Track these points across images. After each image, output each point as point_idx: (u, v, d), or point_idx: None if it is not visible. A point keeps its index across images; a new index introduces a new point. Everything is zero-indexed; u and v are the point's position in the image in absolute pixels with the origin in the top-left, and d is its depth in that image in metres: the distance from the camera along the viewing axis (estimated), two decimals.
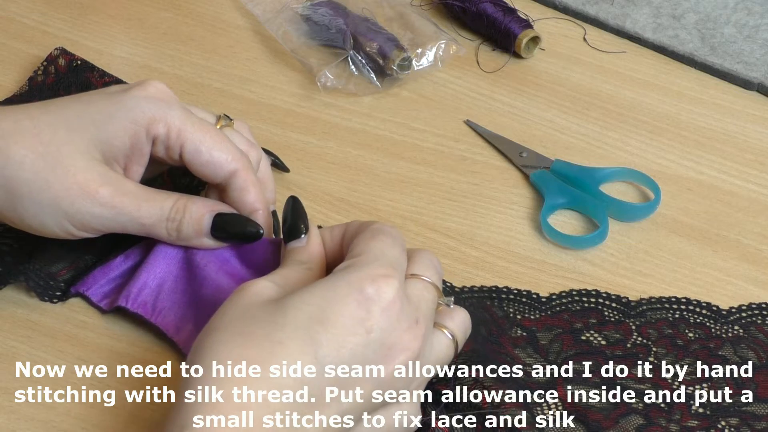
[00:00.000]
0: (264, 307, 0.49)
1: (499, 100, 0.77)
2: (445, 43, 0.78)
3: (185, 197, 0.59)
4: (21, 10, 0.83)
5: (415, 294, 0.51)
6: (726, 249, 0.67)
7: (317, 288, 0.49)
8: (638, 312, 0.61)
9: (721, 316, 0.61)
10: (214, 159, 0.58)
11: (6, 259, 0.62)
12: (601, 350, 0.59)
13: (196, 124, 0.58)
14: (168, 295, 0.60)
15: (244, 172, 0.59)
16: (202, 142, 0.58)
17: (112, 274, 0.62)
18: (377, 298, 0.49)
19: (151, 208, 0.58)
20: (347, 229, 0.56)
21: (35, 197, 0.56)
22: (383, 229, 0.53)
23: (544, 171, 0.70)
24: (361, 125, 0.75)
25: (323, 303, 0.48)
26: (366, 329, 0.48)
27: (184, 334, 0.59)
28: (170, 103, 0.58)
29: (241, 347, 0.47)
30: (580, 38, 0.82)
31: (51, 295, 0.61)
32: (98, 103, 0.58)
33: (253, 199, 0.59)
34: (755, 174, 0.72)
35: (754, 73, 0.78)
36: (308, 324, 0.48)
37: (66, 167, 0.56)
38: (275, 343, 0.47)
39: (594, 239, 0.66)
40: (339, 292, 0.49)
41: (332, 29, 0.78)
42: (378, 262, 0.50)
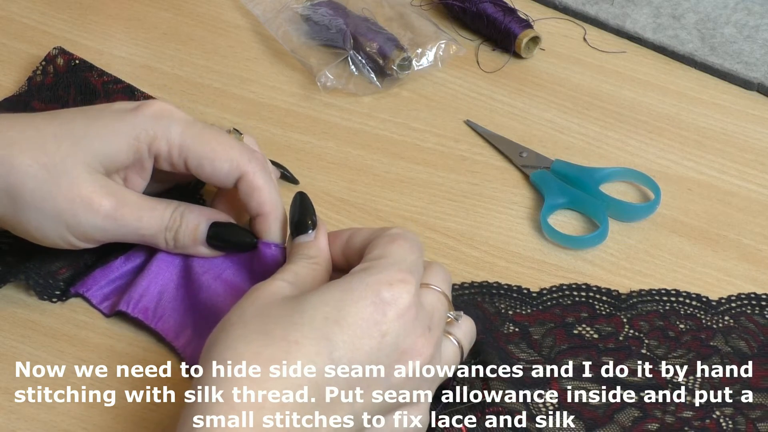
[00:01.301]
0: (281, 305, 0.50)
1: (499, 100, 0.77)
2: (445, 43, 0.78)
3: (183, 206, 0.60)
4: (21, 10, 0.83)
5: (429, 302, 0.52)
6: (726, 249, 0.67)
7: (334, 289, 0.50)
8: (629, 305, 0.62)
9: (711, 307, 0.62)
10: (216, 170, 0.59)
11: (7, 259, 0.62)
12: (594, 344, 0.59)
13: (197, 138, 0.59)
14: (168, 302, 0.61)
15: (251, 175, 0.59)
16: (203, 155, 0.58)
17: (113, 275, 0.62)
18: (393, 302, 0.49)
19: (151, 219, 0.59)
20: (352, 236, 0.57)
21: (38, 206, 0.57)
22: (404, 234, 0.54)
23: (544, 171, 0.70)
24: (361, 125, 0.74)
25: (340, 304, 0.49)
26: (381, 333, 0.49)
27: (183, 338, 0.60)
28: (173, 120, 0.59)
29: (259, 346, 0.47)
30: (580, 38, 0.82)
31: (50, 294, 0.61)
32: (104, 119, 0.59)
33: (259, 202, 0.59)
34: (755, 174, 0.72)
35: (754, 73, 0.78)
36: (324, 324, 0.48)
37: (70, 179, 0.57)
38: (291, 342, 0.47)
39: (594, 239, 0.66)
40: (356, 294, 0.49)
41: (332, 29, 0.78)
42: (396, 266, 0.51)
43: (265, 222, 0.59)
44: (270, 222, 0.59)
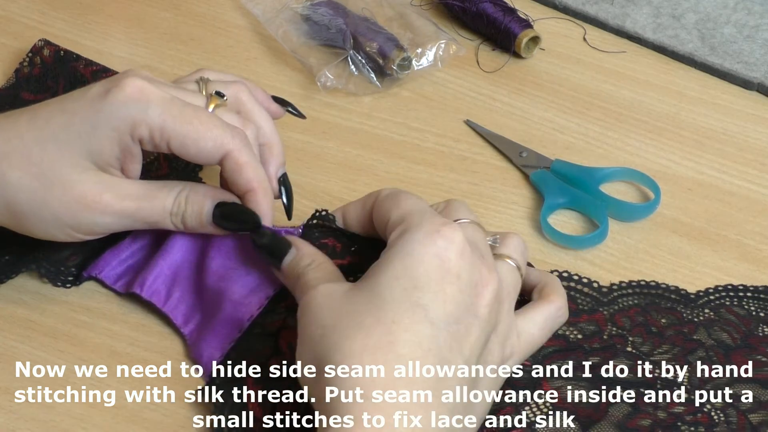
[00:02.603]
0: (349, 300, 0.51)
1: (499, 100, 0.77)
2: (445, 43, 0.78)
3: (187, 189, 0.59)
4: (21, 10, 0.83)
5: (468, 234, 0.53)
6: (726, 249, 0.67)
7: (394, 262, 0.51)
8: (610, 299, 0.62)
9: (690, 300, 0.62)
10: (200, 150, 0.58)
11: (13, 247, 0.62)
12: (580, 344, 0.59)
13: (178, 118, 0.57)
14: (182, 282, 0.61)
15: (235, 153, 0.58)
16: (186, 135, 0.57)
17: (123, 255, 0.62)
18: (450, 244, 0.51)
19: (153, 208, 0.58)
20: (347, 212, 0.59)
21: (36, 214, 0.57)
22: (395, 191, 0.57)
23: (544, 171, 0.70)
24: (360, 125, 0.75)
25: (408, 272, 0.50)
26: (455, 275, 0.50)
27: (191, 326, 0.60)
28: (149, 102, 0.57)
29: (360, 340, 0.48)
30: (580, 38, 0.82)
31: (63, 281, 0.62)
32: (81, 113, 0.57)
33: (246, 179, 0.58)
34: (755, 174, 0.72)
35: (754, 73, 0.78)
36: (406, 294, 0.49)
37: (62, 184, 0.56)
38: (388, 323, 0.48)
39: (594, 239, 0.66)
40: (416, 256, 0.50)
41: (332, 29, 0.78)
42: (426, 215, 0.53)
43: (255, 197, 0.59)
44: (260, 197, 0.59)
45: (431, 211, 0.54)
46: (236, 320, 0.58)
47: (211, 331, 0.59)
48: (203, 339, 0.59)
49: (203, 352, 0.59)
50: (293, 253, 0.56)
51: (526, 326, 0.56)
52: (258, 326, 0.58)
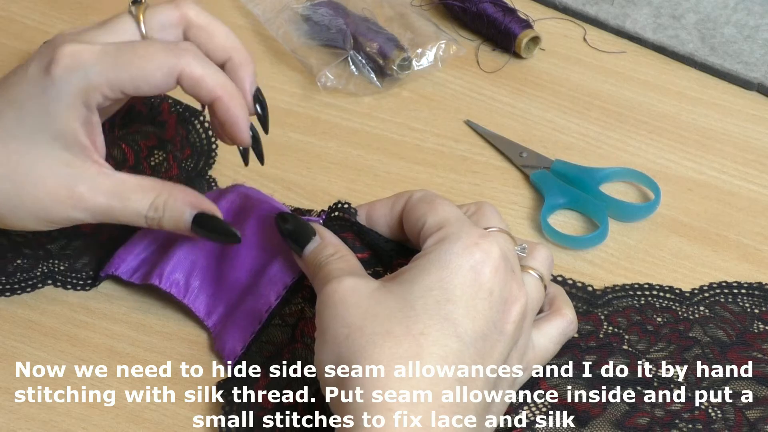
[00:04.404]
0: (377, 301, 0.50)
1: (499, 100, 0.77)
2: (445, 43, 0.78)
3: (164, 193, 0.57)
4: (21, 10, 0.83)
5: (501, 247, 0.52)
6: (726, 249, 0.67)
7: (430, 271, 0.50)
8: (605, 301, 0.62)
9: (685, 298, 0.62)
10: (153, 84, 0.56)
11: (24, 251, 0.63)
12: (576, 343, 0.59)
13: (118, 65, 0.55)
14: (200, 271, 0.60)
15: (187, 69, 0.56)
16: (133, 78, 0.55)
17: (136, 250, 0.62)
18: (488, 258, 0.51)
19: (125, 209, 0.57)
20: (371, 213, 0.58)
21: (15, 214, 0.57)
22: (431, 195, 0.55)
23: (544, 171, 0.70)
24: (361, 125, 0.75)
25: (443, 283, 0.50)
26: (488, 291, 0.50)
27: (215, 318, 0.60)
28: (87, 65, 0.55)
29: (388, 348, 0.48)
30: (580, 38, 0.82)
31: (83, 285, 0.63)
32: (28, 102, 0.56)
33: (208, 90, 0.57)
34: (755, 174, 0.72)
35: (754, 73, 0.78)
36: (438, 307, 0.49)
37: (33, 183, 0.56)
38: (417, 335, 0.48)
39: (594, 239, 0.66)
40: (453, 268, 0.50)
41: (332, 29, 0.78)
42: (465, 226, 0.52)
43: (222, 103, 0.57)
44: (226, 101, 0.57)
45: (468, 222, 0.53)
46: (256, 312, 0.58)
47: (233, 323, 0.59)
48: (227, 332, 0.59)
49: (225, 345, 0.59)
50: (317, 241, 0.56)
51: (541, 340, 0.56)
52: (277, 317, 0.58)
